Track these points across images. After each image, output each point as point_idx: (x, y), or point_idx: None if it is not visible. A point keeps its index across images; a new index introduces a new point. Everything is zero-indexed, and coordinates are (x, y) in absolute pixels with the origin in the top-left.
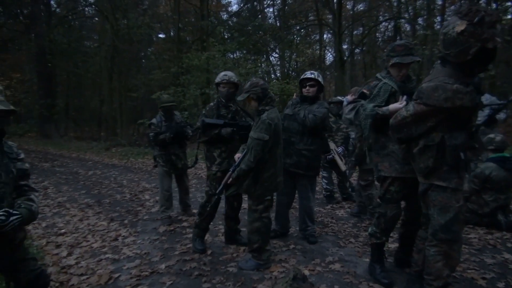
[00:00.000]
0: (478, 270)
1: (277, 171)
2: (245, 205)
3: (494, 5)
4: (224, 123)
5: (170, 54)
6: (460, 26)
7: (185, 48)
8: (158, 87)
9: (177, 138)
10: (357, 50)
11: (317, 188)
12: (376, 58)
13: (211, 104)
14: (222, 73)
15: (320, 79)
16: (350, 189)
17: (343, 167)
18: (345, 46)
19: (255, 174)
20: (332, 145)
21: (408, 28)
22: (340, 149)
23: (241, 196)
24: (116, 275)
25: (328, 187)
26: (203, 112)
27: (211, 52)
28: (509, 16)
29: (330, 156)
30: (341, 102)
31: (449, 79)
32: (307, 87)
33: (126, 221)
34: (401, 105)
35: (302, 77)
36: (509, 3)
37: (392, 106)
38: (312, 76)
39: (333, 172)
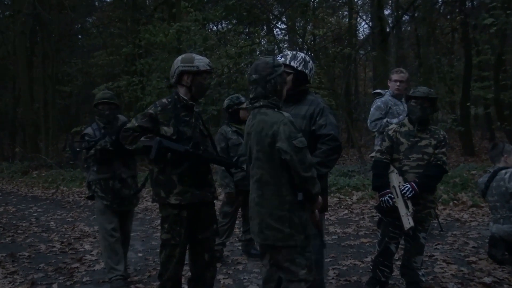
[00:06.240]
0: None
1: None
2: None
3: None
4: (186, 151)
5: (121, 26)
6: None
7: (143, 17)
8: (103, 77)
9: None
10: (405, 17)
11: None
12: (436, 29)
13: (164, 101)
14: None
15: (296, 63)
16: None
17: (406, 225)
18: (387, 12)
19: None
20: (396, 179)
21: None
22: (407, 188)
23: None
24: None
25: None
26: (150, 111)
27: (184, 22)
28: None
29: (387, 198)
30: None
31: None
32: None
33: (55, 286)
34: None
35: None
36: None
37: None
38: (284, 60)
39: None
